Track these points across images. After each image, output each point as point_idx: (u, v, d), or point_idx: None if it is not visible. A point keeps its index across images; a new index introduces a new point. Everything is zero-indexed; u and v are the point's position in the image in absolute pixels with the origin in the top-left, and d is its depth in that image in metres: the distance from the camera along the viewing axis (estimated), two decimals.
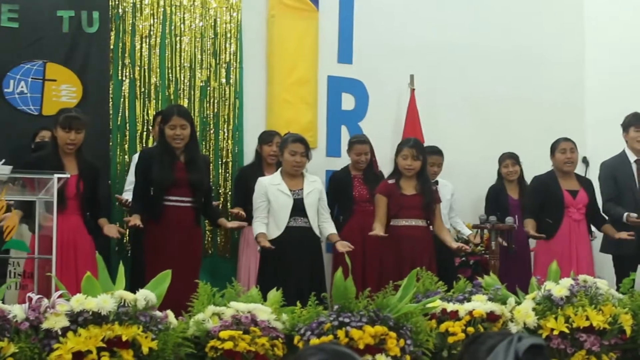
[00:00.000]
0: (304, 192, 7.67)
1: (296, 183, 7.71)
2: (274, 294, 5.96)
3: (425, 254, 7.70)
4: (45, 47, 8.74)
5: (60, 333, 5.17)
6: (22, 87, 8.62)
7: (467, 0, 10.35)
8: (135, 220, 7.29)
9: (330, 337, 5.64)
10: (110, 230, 7.35)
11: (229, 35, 9.40)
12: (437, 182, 9.08)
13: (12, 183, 6.47)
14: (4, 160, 8.00)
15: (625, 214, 8.32)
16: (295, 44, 9.65)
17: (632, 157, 8.68)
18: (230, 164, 9.26)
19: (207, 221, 8.46)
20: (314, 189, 7.74)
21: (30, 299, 5.32)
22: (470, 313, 6.16)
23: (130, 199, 7.97)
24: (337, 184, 8.90)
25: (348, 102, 9.88)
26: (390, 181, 7.91)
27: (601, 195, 8.72)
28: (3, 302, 5.37)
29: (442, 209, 8.37)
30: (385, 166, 9.04)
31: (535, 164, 9.01)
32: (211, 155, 9.03)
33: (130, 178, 8.36)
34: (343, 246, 7.54)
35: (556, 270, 6.72)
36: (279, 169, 7.85)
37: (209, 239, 8.99)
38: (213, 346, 5.50)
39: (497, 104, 10.26)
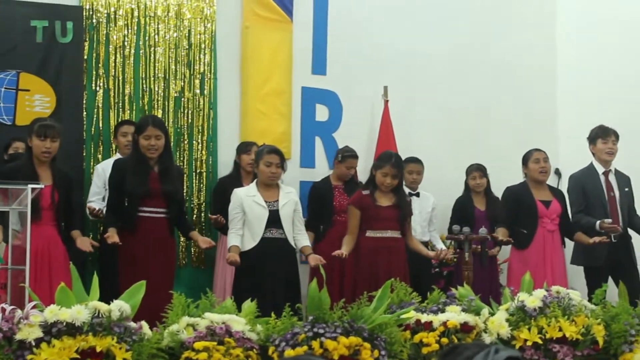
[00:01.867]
0: (279, 204, 7.67)
1: (272, 194, 7.71)
2: (249, 305, 5.95)
3: (399, 265, 7.71)
4: (18, 57, 8.73)
5: (34, 344, 5.15)
6: None
7: (441, 11, 10.39)
8: (113, 237, 7.28)
9: (305, 348, 5.64)
10: (84, 243, 7.33)
11: (203, 46, 9.40)
12: (418, 194, 9.13)
13: None
14: None
15: (599, 222, 8.38)
16: (269, 55, 9.66)
17: (600, 169, 8.75)
18: (204, 174, 9.26)
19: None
20: (289, 200, 7.73)
21: (4, 310, 5.30)
22: (444, 324, 6.18)
23: (98, 208, 7.96)
24: (317, 194, 8.92)
25: (322, 113, 9.90)
26: (365, 192, 7.91)
27: (570, 207, 8.78)
28: None
29: (421, 222, 8.40)
30: (359, 177, 9.09)
31: (508, 175, 9.05)
32: (185, 166, 9.04)
33: (95, 189, 8.34)
34: (315, 260, 7.54)
35: (529, 281, 6.76)
36: (255, 180, 7.85)
37: (183, 249, 8.98)
38: (188, 357, 5.49)
39: (470, 116, 10.31)
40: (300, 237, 7.77)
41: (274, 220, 7.60)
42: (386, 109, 9.88)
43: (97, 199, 8.22)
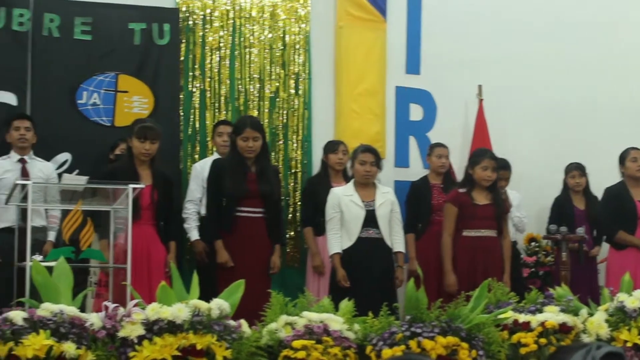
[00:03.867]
0: (376, 203, 7.69)
1: (368, 194, 7.73)
2: (346, 304, 5.98)
3: (496, 265, 7.67)
4: (117, 59, 8.89)
5: (136, 341, 5.24)
6: (94, 98, 8.76)
7: (536, 9, 10.27)
8: (223, 255, 7.42)
9: (403, 347, 5.65)
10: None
11: (297, 46, 9.46)
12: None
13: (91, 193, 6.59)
14: (77, 171, 8.20)
15: None
16: (363, 55, 9.67)
17: None
18: (299, 174, 9.30)
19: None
20: (386, 200, 7.74)
21: (107, 308, 5.40)
22: (542, 324, 6.13)
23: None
24: (415, 193, 8.91)
25: (416, 112, 9.88)
26: (462, 190, 7.90)
27: None
28: (82, 311, 5.44)
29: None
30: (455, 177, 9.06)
31: (607, 174, 8.92)
32: (280, 166, 9.08)
33: (193, 187, 8.44)
34: (401, 274, 7.68)
35: (629, 282, 6.66)
36: (352, 180, 7.87)
37: None
38: (286, 355, 5.54)
39: (565, 114, 10.17)
40: (396, 240, 7.76)
41: (370, 220, 7.62)
42: (481, 107, 9.82)
43: (196, 198, 8.30)
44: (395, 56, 9.82)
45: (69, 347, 5.10)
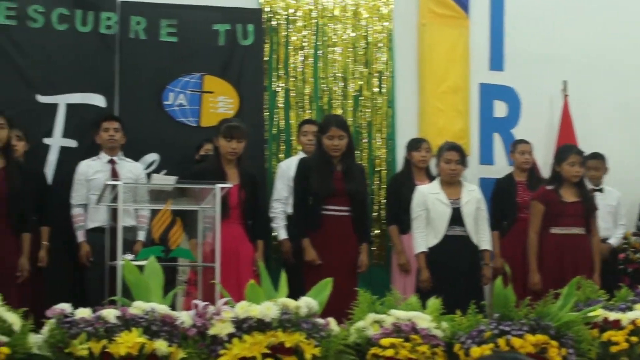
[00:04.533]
0: (462, 201, 7.67)
1: (454, 192, 7.71)
2: (434, 302, 5.98)
3: (585, 262, 7.60)
4: (202, 60, 8.98)
5: (226, 339, 5.30)
6: (181, 99, 8.87)
7: (621, 4, 10.14)
8: (311, 253, 7.47)
9: (491, 345, 5.63)
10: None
11: (380, 44, 9.46)
12: (601, 190, 8.92)
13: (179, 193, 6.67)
14: (165, 171, 8.31)
15: None
16: (446, 52, 9.64)
17: None
18: (383, 172, 9.31)
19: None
20: (472, 198, 7.72)
21: (197, 306, 5.47)
22: (633, 322, 6.06)
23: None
24: (500, 190, 8.86)
25: (500, 109, 9.82)
26: (549, 188, 7.85)
27: None
28: (172, 309, 5.51)
29: (605, 217, 8.26)
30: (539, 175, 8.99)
31: None
32: (365, 164, 9.08)
33: (279, 185, 8.49)
34: (488, 272, 7.64)
35: None
36: (438, 178, 7.87)
37: None
38: (374, 353, 5.56)
39: None
40: (482, 238, 7.73)
41: (456, 217, 7.60)
42: (566, 104, 9.73)
43: (283, 197, 8.36)
44: (478, 53, 9.77)
45: (161, 345, 5.17)
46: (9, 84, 8.51)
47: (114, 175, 7.95)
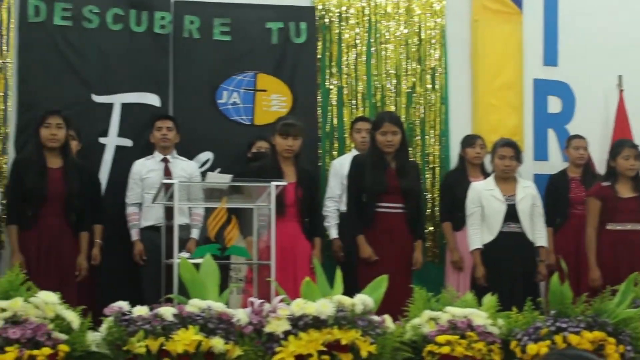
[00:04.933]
0: (517, 198, 7.63)
1: (509, 188, 7.67)
2: (489, 299, 5.96)
3: None
4: (255, 59, 9.03)
5: (282, 336, 5.32)
6: (234, 98, 8.92)
7: None
8: (366, 250, 7.47)
9: (548, 342, 5.60)
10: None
11: (433, 41, 9.44)
12: None
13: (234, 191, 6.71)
14: (219, 169, 8.36)
15: None
16: (499, 48, 9.60)
17: None
18: (437, 169, 9.28)
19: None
20: (527, 194, 7.68)
21: (252, 304, 5.50)
22: None
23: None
24: (553, 187, 8.81)
25: (554, 104, 9.74)
26: (605, 184, 7.79)
27: None
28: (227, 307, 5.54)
29: None
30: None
31: None
32: (418, 161, 9.05)
33: (332, 183, 8.49)
34: (543, 269, 7.61)
35: None
36: (492, 174, 7.84)
37: None
38: (430, 350, 5.55)
39: None
40: (538, 235, 7.69)
41: (511, 214, 7.57)
42: (621, 98, 9.63)
43: (336, 195, 8.38)
44: (532, 48, 9.70)
45: (217, 342, 5.20)
46: (65, 84, 8.61)
47: (167, 173, 8.01)
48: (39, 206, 7.38)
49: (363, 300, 5.51)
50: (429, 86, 9.37)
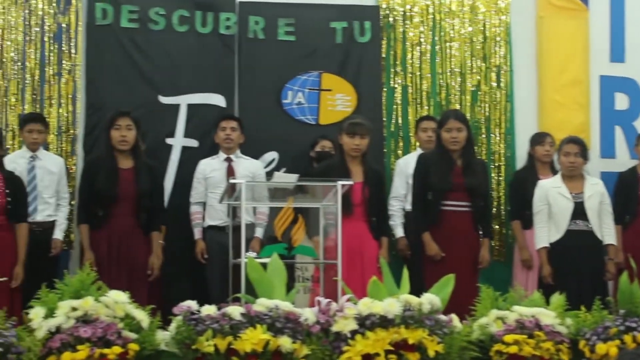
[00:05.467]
0: (584, 195, 7.57)
1: (577, 186, 7.61)
2: (557, 298, 5.92)
3: None
4: (320, 58, 9.07)
5: (349, 336, 5.33)
6: (299, 97, 8.96)
7: None
8: (432, 247, 7.43)
9: (617, 342, 5.55)
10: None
11: (498, 38, 9.40)
12: None
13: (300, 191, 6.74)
14: (284, 169, 8.39)
15: None
16: (565, 45, 9.52)
17: None
18: (502, 167, 9.24)
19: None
20: (595, 191, 7.62)
21: (319, 303, 5.52)
22: None
23: None
24: (622, 184, 8.71)
25: (621, 101, 9.63)
26: None
27: None
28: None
29: None
30: None
31: None
32: (483, 159, 9.02)
33: (396, 183, 8.55)
34: (612, 267, 7.52)
35: None
36: (559, 172, 7.78)
37: None
38: (498, 350, 5.53)
39: None
40: (607, 233, 7.62)
41: (579, 212, 7.50)
42: None
43: (400, 195, 8.38)
44: (598, 44, 9.60)
45: (285, 342, 5.22)
46: (132, 85, 8.72)
47: (230, 173, 8.07)
48: (109, 206, 7.46)
49: (430, 300, 5.50)
50: (494, 84, 9.33)
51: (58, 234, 7.91)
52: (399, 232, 8.33)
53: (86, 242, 7.51)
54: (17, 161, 7.87)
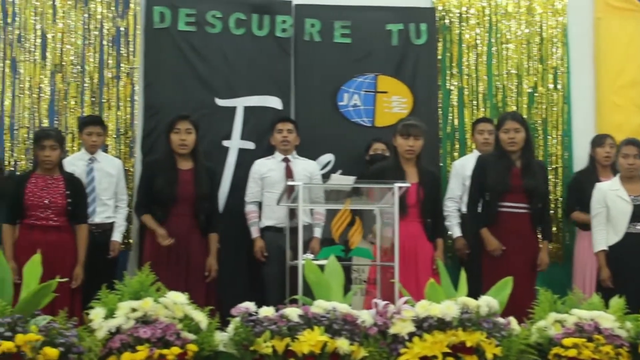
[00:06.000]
0: None
1: (636, 188, 7.53)
2: (617, 301, 5.86)
3: None
4: (376, 61, 9.08)
5: (406, 338, 5.33)
6: (355, 100, 8.98)
7: None
8: (493, 243, 7.43)
9: None
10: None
11: (555, 40, 9.36)
12: None
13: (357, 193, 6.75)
14: (340, 171, 8.41)
15: None
16: (623, 46, 9.46)
17: None
18: (559, 169, 9.19)
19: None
20: None
21: (377, 305, 5.52)
22: None
23: None
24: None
25: None
26: None
27: None
28: None
29: None
30: None
31: None
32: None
33: (453, 185, 8.53)
34: None
35: None
36: (618, 174, 7.72)
37: None
38: (556, 353, 5.48)
39: None
40: None
41: (638, 214, 7.42)
42: None
43: (456, 196, 8.37)
44: None
45: (343, 343, 5.21)
46: (190, 88, 8.78)
47: (288, 173, 8.11)
48: (168, 207, 7.50)
49: (488, 302, 5.47)
50: (551, 86, 9.28)
51: (117, 236, 7.99)
52: (457, 231, 8.31)
53: (154, 224, 7.51)
54: (76, 163, 7.96)
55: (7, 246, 7.14)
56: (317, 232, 8.06)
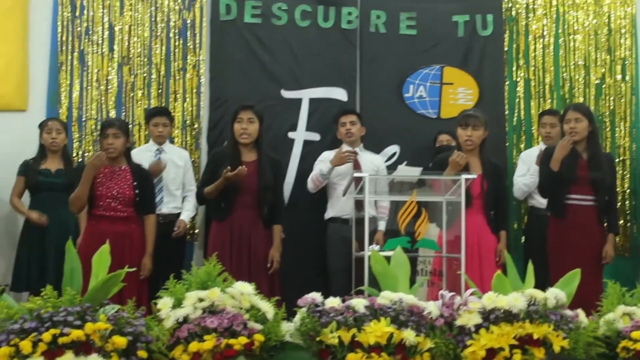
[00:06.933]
0: None
1: None
2: None
3: None
4: (441, 52, 9.06)
5: (473, 330, 5.31)
6: (421, 91, 8.96)
7: None
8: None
9: None
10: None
11: (623, 30, 9.25)
12: None
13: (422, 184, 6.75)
14: (405, 162, 8.40)
15: None
16: None
17: None
18: (627, 162, 9.09)
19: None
20: None
21: (443, 296, 5.50)
22: None
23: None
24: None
25: None
26: None
27: None
28: None
29: None
30: None
31: None
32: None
33: (519, 172, 8.45)
34: None
35: None
36: None
37: None
38: (625, 346, 5.42)
39: None
40: None
41: None
42: None
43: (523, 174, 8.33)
44: None
45: (409, 335, 5.20)
46: (255, 80, 8.83)
47: (357, 166, 8.10)
48: (232, 198, 7.52)
49: (555, 294, 5.42)
50: (619, 77, 9.18)
51: (184, 216, 8.09)
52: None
53: (213, 186, 7.54)
54: (143, 154, 8.03)
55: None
56: (382, 225, 8.06)
